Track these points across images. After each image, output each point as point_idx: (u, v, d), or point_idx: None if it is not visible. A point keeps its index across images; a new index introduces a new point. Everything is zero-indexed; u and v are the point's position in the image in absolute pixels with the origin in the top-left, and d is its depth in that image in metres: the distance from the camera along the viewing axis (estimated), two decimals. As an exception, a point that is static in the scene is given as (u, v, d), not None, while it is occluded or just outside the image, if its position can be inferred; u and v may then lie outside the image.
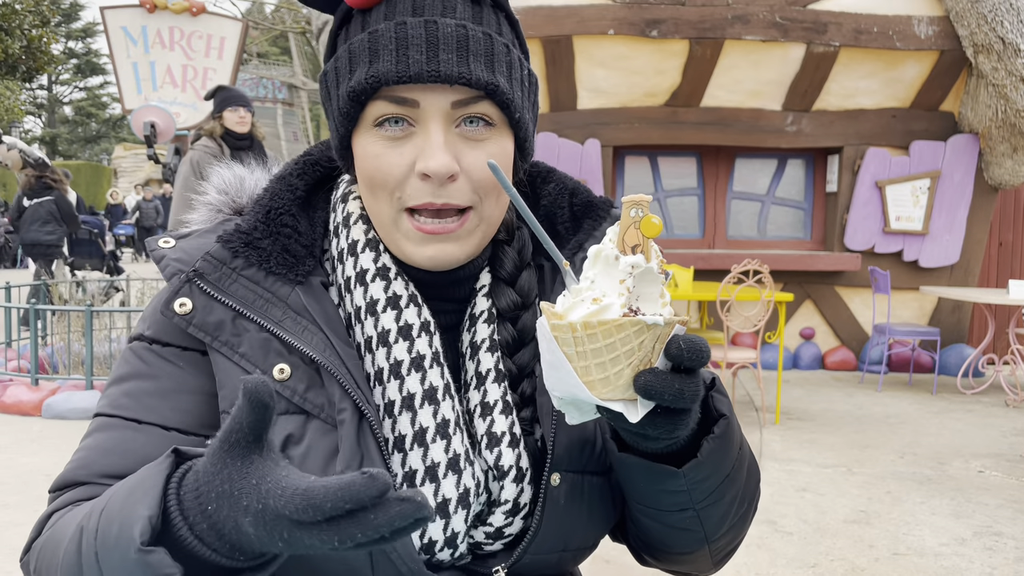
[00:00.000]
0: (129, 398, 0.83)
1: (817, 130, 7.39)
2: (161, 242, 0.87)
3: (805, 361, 7.70)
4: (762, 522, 3.85)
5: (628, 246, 0.67)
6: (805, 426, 5.66)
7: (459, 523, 0.80)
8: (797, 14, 6.87)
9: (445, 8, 0.78)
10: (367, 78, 0.77)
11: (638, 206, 0.67)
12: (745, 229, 7.96)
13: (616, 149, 7.52)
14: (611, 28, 6.77)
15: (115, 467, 0.79)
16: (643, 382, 0.66)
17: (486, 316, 0.88)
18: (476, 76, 0.76)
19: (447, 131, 0.79)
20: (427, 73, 0.75)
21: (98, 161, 39.26)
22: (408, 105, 0.78)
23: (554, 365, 0.67)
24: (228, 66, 7.86)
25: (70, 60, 42.23)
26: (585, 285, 0.68)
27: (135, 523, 0.59)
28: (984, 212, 7.54)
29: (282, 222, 0.87)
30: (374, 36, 0.77)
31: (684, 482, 0.77)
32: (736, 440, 0.82)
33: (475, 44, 0.77)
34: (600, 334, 0.65)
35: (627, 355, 0.65)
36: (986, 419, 5.98)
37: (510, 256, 0.91)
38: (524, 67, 0.84)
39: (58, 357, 6.41)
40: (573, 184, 0.96)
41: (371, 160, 0.80)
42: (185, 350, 0.84)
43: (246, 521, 0.56)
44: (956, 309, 7.66)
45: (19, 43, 18.21)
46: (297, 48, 23.57)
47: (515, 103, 0.80)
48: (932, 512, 4.03)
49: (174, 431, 0.82)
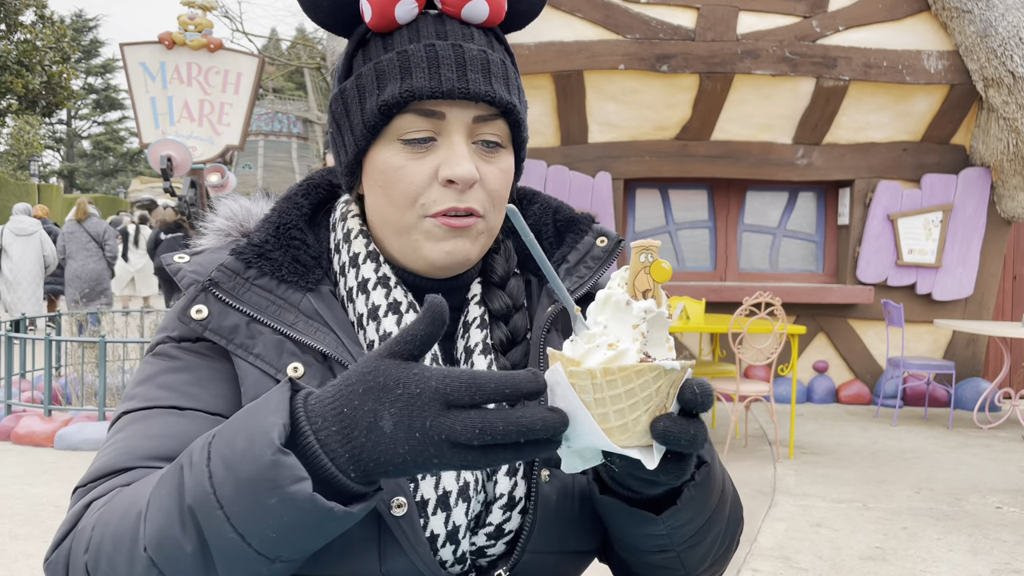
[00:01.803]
0: (165, 390, 0.84)
1: (828, 163, 7.41)
2: (177, 257, 0.91)
3: (819, 394, 7.64)
4: (776, 558, 3.80)
5: (639, 291, 0.67)
6: (820, 460, 5.59)
7: (460, 516, 0.82)
8: (806, 49, 6.93)
9: (465, 35, 0.86)
10: (401, 92, 0.82)
11: (647, 251, 0.67)
12: (757, 261, 7.95)
13: (627, 182, 7.55)
14: (621, 63, 6.84)
15: (165, 449, 0.79)
16: (662, 427, 0.66)
17: (479, 322, 0.92)
18: (499, 95, 0.84)
19: (468, 143, 0.85)
20: (458, 89, 0.82)
21: (115, 194, 39.71)
22: (435, 117, 0.84)
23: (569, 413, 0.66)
24: (244, 101, 7.98)
25: (89, 95, 42.95)
26: (598, 331, 0.67)
27: (269, 429, 0.61)
28: (997, 245, 7.50)
29: (291, 235, 0.92)
30: (404, 56, 0.83)
31: (664, 527, 0.78)
32: (717, 484, 0.83)
33: (496, 67, 0.85)
34: (620, 380, 0.64)
35: (645, 401, 0.65)
36: (1003, 454, 5.90)
37: (499, 262, 0.96)
38: (524, 94, 0.92)
39: (71, 388, 6.44)
40: (556, 203, 1.02)
41: (393, 172, 0.85)
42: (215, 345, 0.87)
43: (388, 415, 0.60)
44: (971, 342, 7.59)
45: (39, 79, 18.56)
46: (312, 83, 23.91)
47: (523, 123, 0.89)
48: (949, 549, 3.96)
49: (218, 416, 0.83)
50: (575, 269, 0.95)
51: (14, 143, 32.65)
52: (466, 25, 0.86)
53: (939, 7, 6.94)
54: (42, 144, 35.25)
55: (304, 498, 0.60)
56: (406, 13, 0.85)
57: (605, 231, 0.98)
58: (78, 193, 37.01)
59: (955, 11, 6.84)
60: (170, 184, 7.35)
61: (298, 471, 0.60)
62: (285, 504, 0.61)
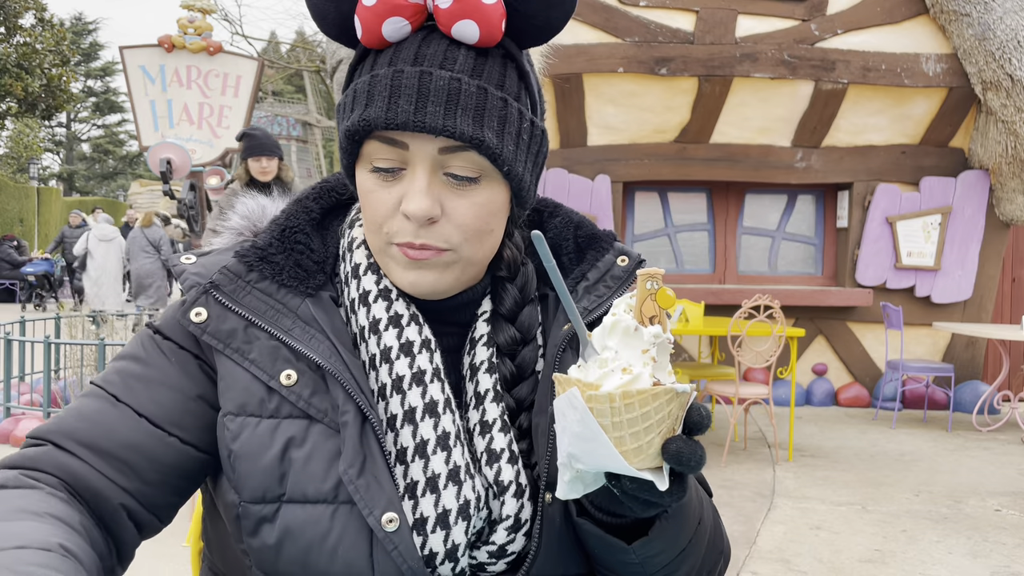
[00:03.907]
0: (118, 376, 0.87)
1: (827, 166, 7.41)
2: (183, 258, 0.92)
3: (818, 397, 7.64)
4: (776, 561, 3.80)
5: (645, 317, 0.69)
6: (819, 463, 5.59)
7: (459, 535, 0.81)
8: (805, 52, 6.94)
9: (445, 59, 0.80)
10: (360, 120, 0.80)
11: (653, 279, 0.70)
12: (756, 264, 7.95)
13: (626, 185, 7.56)
14: (620, 66, 6.85)
15: (83, 433, 0.82)
16: (675, 449, 0.68)
17: (485, 340, 0.91)
18: (461, 130, 0.78)
19: (432, 176, 0.81)
20: (413, 123, 0.78)
21: (114, 197, 39.71)
22: (398, 147, 0.81)
23: (585, 437, 0.67)
24: (244, 104, 7.99)
25: (89, 98, 42.95)
26: (610, 356, 0.69)
27: None
28: (996, 248, 7.51)
29: (296, 239, 0.91)
30: (374, 80, 0.80)
31: (635, 556, 0.79)
32: (693, 516, 0.83)
33: (466, 98, 0.79)
34: (637, 403, 0.66)
35: (658, 423, 0.67)
36: (1003, 457, 5.90)
37: (511, 293, 0.93)
38: (524, 119, 0.84)
39: (71, 391, 6.43)
40: (579, 218, 0.99)
41: (365, 195, 0.85)
42: (181, 348, 0.88)
43: None
44: (970, 345, 7.59)
45: (39, 82, 18.56)
46: (311, 86, 23.91)
47: (503, 156, 0.81)
48: (948, 551, 3.96)
49: (144, 419, 0.84)
50: (594, 288, 0.92)
51: (14, 146, 32.66)
52: (456, 46, 0.81)
53: (937, 10, 6.95)
54: (42, 147, 35.24)
55: None
56: (395, 31, 0.81)
57: (626, 250, 0.96)
58: (77, 196, 37.00)
59: (953, 14, 6.85)
60: (169, 187, 7.35)
61: None
62: None
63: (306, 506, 0.80)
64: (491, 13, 0.79)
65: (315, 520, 0.80)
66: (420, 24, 0.82)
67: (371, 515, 0.78)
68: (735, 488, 4.93)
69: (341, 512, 0.80)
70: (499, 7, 0.80)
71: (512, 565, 0.87)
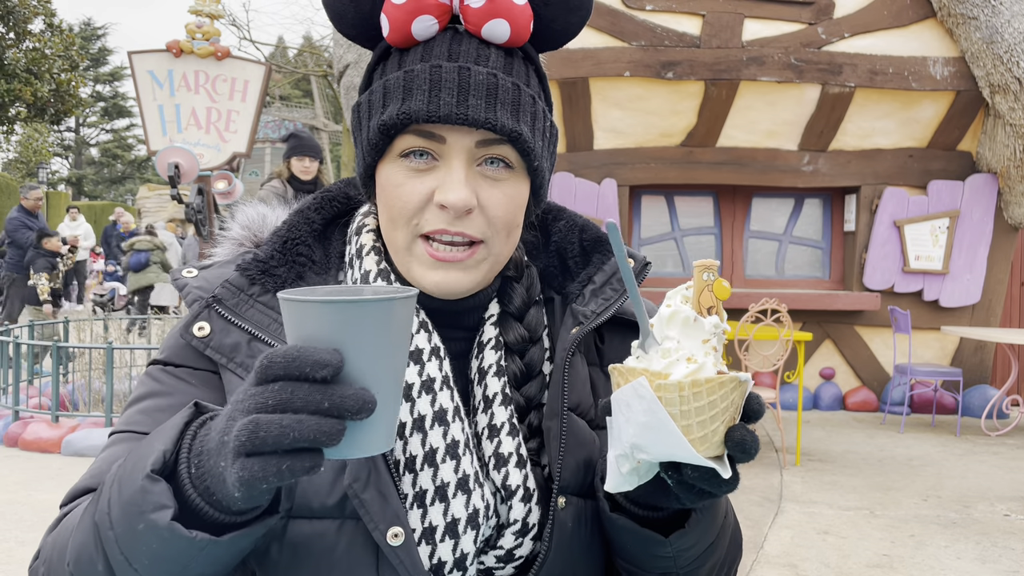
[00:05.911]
0: (143, 415, 0.86)
1: (834, 170, 7.40)
2: (185, 272, 0.92)
3: (825, 401, 7.61)
4: (783, 566, 3.79)
5: (703, 307, 0.70)
6: (826, 468, 5.57)
7: (468, 544, 0.81)
8: (812, 55, 6.93)
9: (479, 56, 0.82)
10: (399, 114, 0.80)
11: (709, 270, 0.71)
12: (763, 268, 7.94)
13: (632, 188, 7.56)
14: (627, 70, 6.85)
15: None
16: (739, 437, 0.68)
17: (493, 343, 0.90)
18: (501, 123, 0.80)
19: (469, 168, 0.82)
20: (456, 115, 0.79)
21: (123, 201, 39.88)
22: (435, 140, 0.82)
23: (652, 427, 0.67)
24: (251, 108, 8.00)
25: (97, 103, 43.16)
26: (672, 346, 0.69)
27: (150, 455, 0.62)
28: (1004, 252, 7.48)
29: (298, 251, 0.91)
30: (409, 75, 0.81)
31: (670, 549, 0.79)
32: (722, 510, 0.84)
33: (504, 93, 0.81)
34: (704, 392, 0.67)
35: (722, 412, 0.68)
36: (1012, 461, 5.87)
37: (518, 292, 0.93)
38: (547, 119, 0.87)
39: (78, 394, 6.46)
40: (583, 222, 1.00)
41: (393, 188, 0.84)
42: (196, 370, 0.88)
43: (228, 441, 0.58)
44: (978, 349, 7.56)
45: (48, 87, 18.65)
46: (319, 91, 24.00)
47: (535, 151, 0.84)
48: (957, 556, 3.94)
49: None
50: (601, 291, 0.93)
51: (23, 150, 32.85)
52: (486, 45, 0.83)
53: (945, 13, 6.93)
54: (50, 151, 35.44)
55: (163, 526, 0.60)
56: (424, 30, 0.82)
57: (632, 253, 0.96)
58: (86, 200, 37.17)
59: (961, 17, 6.83)
60: (178, 191, 7.37)
61: (161, 498, 0.60)
62: (149, 530, 0.61)
63: (312, 521, 0.80)
64: (521, 14, 0.82)
65: (321, 535, 0.80)
66: (445, 24, 0.84)
67: (376, 529, 0.78)
68: (742, 492, 4.91)
69: (347, 527, 0.80)
70: (528, 8, 0.83)
71: (520, 569, 0.86)
